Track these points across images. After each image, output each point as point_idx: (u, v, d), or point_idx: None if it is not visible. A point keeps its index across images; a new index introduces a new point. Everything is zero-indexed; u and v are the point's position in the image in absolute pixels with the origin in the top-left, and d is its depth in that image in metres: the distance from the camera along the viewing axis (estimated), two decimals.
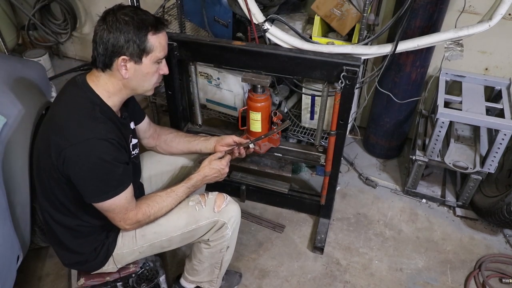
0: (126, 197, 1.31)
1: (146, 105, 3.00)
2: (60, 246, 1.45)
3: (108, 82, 1.30)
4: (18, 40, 3.42)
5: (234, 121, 2.19)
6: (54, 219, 1.39)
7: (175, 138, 1.71)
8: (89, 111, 1.25)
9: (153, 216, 1.41)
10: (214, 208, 1.48)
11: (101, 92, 1.29)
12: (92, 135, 1.21)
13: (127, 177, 1.32)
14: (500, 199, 1.96)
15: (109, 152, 1.23)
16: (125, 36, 1.22)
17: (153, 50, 1.27)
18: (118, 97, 1.33)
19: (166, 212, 1.44)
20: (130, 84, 1.31)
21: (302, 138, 2.10)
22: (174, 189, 1.46)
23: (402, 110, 2.32)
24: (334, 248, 2.08)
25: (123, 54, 1.24)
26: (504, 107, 2.03)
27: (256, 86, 1.79)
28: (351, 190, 2.41)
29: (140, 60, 1.27)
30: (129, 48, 1.23)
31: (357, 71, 1.59)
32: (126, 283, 1.57)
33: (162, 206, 1.42)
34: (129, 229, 1.40)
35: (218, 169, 1.53)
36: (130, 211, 1.34)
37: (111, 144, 1.24)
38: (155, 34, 1.26)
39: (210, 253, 1.56)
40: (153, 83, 1.36)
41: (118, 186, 1.28)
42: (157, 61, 1.31)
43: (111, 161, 1.24)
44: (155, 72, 1.33)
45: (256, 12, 1.73)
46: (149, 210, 1.39)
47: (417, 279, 1.94)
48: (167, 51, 1.34)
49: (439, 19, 2.01)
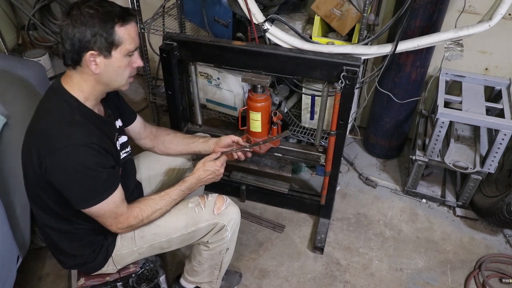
0: (115, 202, 1.28)
1: (146, 105, 3.01)
2: (57, 250, 1.44)
3: (81, 80, 1.25)
4: (18, 40, 3.42)
5: (234, 121, 2.19)
6: (48, 225, 1.37)
7: (174, 140, 1.69)
8: (68, 115, 1.22)
9: (146, 220, 1.38)
10: (214, 210, 1.48)
11: (77, 93, 1.25)
12: (71, 142, 1.18)
13: (114, 181, 1.28)
14: (500, 199, 1.96)
15: (90, 158, 1.20)
16: (91, 30, 1.16)
17: (122, 42, 1.22)
18: (94, 95, 1.29)
19: (160, 216, 1.42)
20: (102, 79, 1.26)
21: (302, 138, 2.10)
22: (168, 192, 1.43)
23: (402, 110, 2.32)
24: (334, 248, 2.08)
25: (90, 49, 1.18)
26: (504, 107, 2.03)
27: (256, 86, 1.79)
28: (351, 190, 2.41)
29: (109, 54, 1.21)
30: (96, 42, 1.18)
31: (357, 71, 1.59)
32: (126, 283, 1.57)
33: (155, 210, 1.39)
34: (121, 232, 1.38)
35: (212, 170, 1.50)
36: (121, 215, 1.31)
37: (91, 149, 1.20)
38: (122, 25, 1.20)
39: (209, 255, 1.56)
40: (126, 76, 1.30)
41: (104, 191, 1.25)
42: (128, 54, 1.25)
43: (94, 167, 1.20)
44: (127, 65, 1.27)
45: (256, 12, 1.73)
46: (141, 214, 1.36)
47: (417, 279, 1.94)
48: (138, 42, 1.28)
49: (439, 19, 2.01)
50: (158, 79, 2.81)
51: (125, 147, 1.50)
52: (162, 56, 1.81)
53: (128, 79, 1.32)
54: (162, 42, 1.81)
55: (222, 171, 1.53)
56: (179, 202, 1.47)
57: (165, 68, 1.86)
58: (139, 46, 1.29)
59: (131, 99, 3.18)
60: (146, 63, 2.61)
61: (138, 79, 3.38)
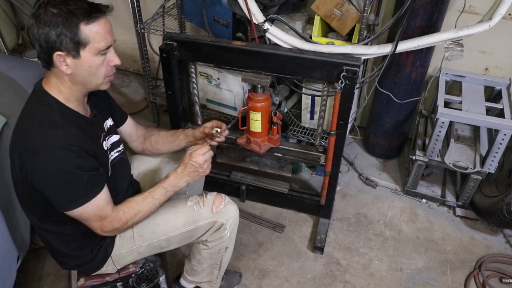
0: (99, 205, 1.25)
1: (146, 105, 3.01)
2: (54, 251, 1.44)
3: (58, 81, 1.22)
4: (18, 40, 3.42)
5: (234, 121, 2.19)
6: (40, 227, 1.37)
7: (158, 140, 1.65)
8: (48, 116, 1.19)
9: (130, 222, 1.34)
10: (213, 209, 1.48)
11: (56, 94, 1.23)
12: (50, 144, 1.15)
13: (97, 184, 1.25)
14: (500, 199, 1.96)
15: (69, 161, 1.16)
16: (55, 30, 1.12)
17: (90, 41, 1.15)
18: (74, 96, 1.25)
19: (146, 216, 1.38)
20: (76, 80, 1.21)
21: (302, 138, 2.10)
22: (151, 192, 1.38)
23: (402, 110, 2.32)
24: (334, 248, 2.08)
25: (58, 50, 1.14)
26: (504, 107, 2.03)
27: (256, 86, 1.79)
28: (351, 190, 2.41)
29: (77, 54, 1.16)
30: (62, 42, 1.13)
31: (357, 71, 1.59)
32: (126, 283, 1.57)
33: (138, 211, 1.34)
34: (108, 235, 1.34)
35: (191, 163, 1.38)
36: (105, 219, 1.28)
37: (70, 151, 1.16)
38: (88, 23, 1.14)
39: (208, 254, 1.56)
40: (102, 76, 1.24)
41: (86, 194, 1.22)
42: (100, 53, 1.19)
43: (73, 170, 1.17)
44: (100, 64, 1.21)
45: (256, 12, 1.73)
46: (124, 216, 1.32)
47: (417, 279, 1.94)
48: (110, 40, 1.21)
49: (439, 19, 2.01)
50: (158, 79, 2.81)
51: (117, 147, 1.48)
52: (162, 56, 1.81)
53: (107, 78, 1.27)
54: (162, 42, 1.81)
55: (200, 161, 1.38)
56: (166, 201, 1.42)
57: (165, 68, 1.86)
58: (112, 43, 1.23)
59: (131, 99, 3.18)
60: (146, 63, 2.61)
61: (138, 79, 3.38)
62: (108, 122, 1.46)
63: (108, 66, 1.25)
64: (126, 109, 1.58)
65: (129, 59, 3.41)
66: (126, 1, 2.45)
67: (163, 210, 1.51)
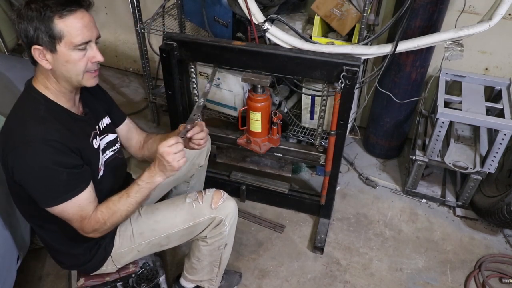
0: (80, 204, 1.22)
1: (146, 105, 3.01)
2: (52, 249, 1.44)
3: (44, 77, 1.22)
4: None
5: (234, 121, 2.19)
6: (36, 224, 1.36)
7: (154, 144, 1.58)
8: (33, 111, 1.19)
9: (110, 222, 1.28)
10: (211, 205, 1.47)
11: (43, 90, 1.22)
12: (29, 138, 1.14)
13: (79, 182, 1.22)
14: (500, 199, 1.96)
15: (47, 156, 1.15)
16: (32, 24, 1.12)
17: (65, 35, 1.14)
18: (62, 92, 1.24)
19: (125, 216, 1.31)
20: (58, 76, 1.20)
21: (302, 138, 2.10)
22: (127, 190, 1.32)
23: (402, 110, 2.32)
24: (334, 248, 2.08)
25: (35, 44, 1.14)
26: (504, 107, 2.03)
27: (256, 86, 1.79)
28: (351, 190, 2.41)
29: (54, 48, 1.15)
30: (38, 37, 1.13)
31: (357, 71, 1.59)
32: (126, 283, 1.57)
33: (115, 211, 1.28)
34: (92, 236, 1.29)
35: (158, 157, 1.27)
36: (85, 219, 1.24)
37: (50, 146, 1.15)
38: (62, 17, 1.13)
39: (208, 250, 1.56)
40: (81, 72, 1.21)
41: (66, 192, 1.19)
42: (77, 48, 1.17)
43: (50, 166, 1.15)
44: (78, 60, 1.18)
45: (256, 12, 1.73)
46: (102, 217, 1.27)
47: (417, 279, 1.94)
48: (88, 35, 1.18)
49: (439, 19, 2.01)
50: (158, 79, 2.81)
51: (112, 145, 1.46)
52: (162, 56, 1.81)
53: (88, 75, 1.24)
54: (162, 42, 1.81)
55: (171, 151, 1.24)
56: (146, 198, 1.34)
57: (165, 68, 1.86)
58: (91, 39, 1.20)
59: (131, 99, 3.18)
60: (146, 63, 2.61)
61: (138, 79, 3.38)
62: (104, 121, 1.45)
63: (89, 63, 1.22)
64: (126, 109, 1.59)
65: (129, 59, 3.41)
66: (126, 1, 2.45)
67: (162, 207, 1.51)
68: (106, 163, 1.42)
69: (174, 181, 1.80)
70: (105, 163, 1.41)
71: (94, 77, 1.27)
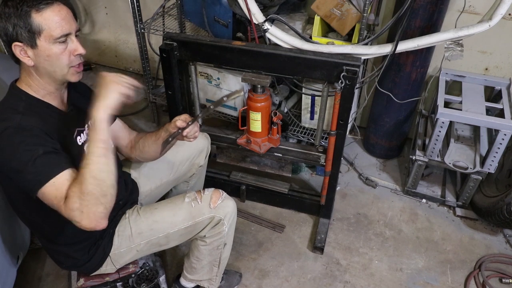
0: (54, 183, 1.12)
1: (146, 105, 3.01)
2: (50, 250, 1.44)
3: (26, 75, 1.22)
4: None
5: (234, 121, 2.19)
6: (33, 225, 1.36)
7: (145, 142, 1.58)
8: (11, 106, 1.19)
9: (80, 191, 1.10)
10: (210, 204, 1.48)
11: (26, 88, 1.23)
12: (8, 125, 1.12)
13: (57, 162, 1.14)
14: (500, 199, 1.96)
15: (23, 138, 1.12)
16: (10, 22, 1.12)
17: (44, 29, 1.14)
18: (44, 89, 1.24)
19: (93, 176, 1.11)
20: (40, 72, 1.20)
21: (302, 138, 2.10)
22: (86, 151, 1.20)
23: (402, 110, 2.32)
24: (334, 248, 2.08)
25: (15, 41, 1.15)
26: (504, 107, 2.03)
27: (256, 86, 1.79)
28: (351, 190, 2.41)
29: (34, 43, 1.15)
30: (18, 33, 1.13)
31: (357, 71, 1.59)
32: (126, 283, 1.57)
33: (79, 177, 1.12)
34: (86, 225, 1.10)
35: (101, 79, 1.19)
36: (61, 201, 1.12)
37: (25, 130, 1.13)
38: (39, 11, 1.13)
39: (207, 250, 1.56)
40: (64, 65, 1.20)
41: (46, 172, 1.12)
42: (57, 41, 1.16)
43: (27, 146, 1.11)
44: (60, 53, 1.18)
45: (256, 12, 1.73)
46: (72, 190, 1.11)
47: (417, 279, 1.94)
48: (67, 27, 1.17)
49: (439, 19, 2.01)
50: (158, 79, 2.81)
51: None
52: (162, 56, 1.81)
53: (72, 69, 1.23)
54: (162, 42, 1.81)
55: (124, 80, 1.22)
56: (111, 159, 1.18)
57: (165, 68, 1.86)
58: (71, 32, 1.19)
59: None
60: (146, 63, 2.61)
61: (138, 79, 3.37)
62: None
63: (72, 56, 1.21)
64: (126, 109, 1.57)
65: (129, 59, 3.41)
66: (126, 1, 2.45)
67: (161, 207, 1.51)
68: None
69: (174, 181, 1.81)
70: None
71: (78, 72, 1.26)
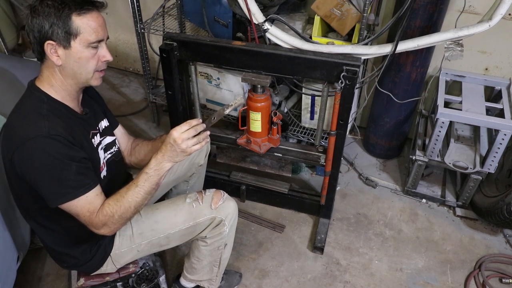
0: (87, 198, 1.22)
1: (146, 105, 3.01)
2: (52, 250, 1.44)
3: (49, 75, 1.24)
4: (18, 40, 3.42)
5: (234, 121, 2.19)
6: (36, 225, 1.36)
7: (141, 149, 1.60)
8: (35, 109, 1.21)
9: (118, 215, 1.26)
10: (211, 205, 1.48)
11: (47, 88, 1.24)
12: (34, 134, 1.15)
13: (88, 178, 1.23)
14: (500, 199, 1.96)
15: (55, 150, 1.16)
16: (48, 20, 1.15)
17: (81, 32, 1.18)
18: (66, 91, 1.26)
19: (135, 208, 1.29)
20: (66, 72, 1.23)
21: (302, 138, 2.10)
22: (135, 180, 1.31)
23: (402, 110, 2.32)
24: (334, 248, 2.08)
25: (49, 39, 1.17)
26: (504, 107, 2.03)
27: (256, 86, 1.79)
28: (351, 190, 2.41)
29: (68, 44, 1.19)
30: (53, 32, 1.16)
31: (357, 71, 1.59)
32: (126, 283, 1.57)
33: (124, 202, 1.27)
34: (103, 233, 1.28)
35: (170, 142, 1.28)
36: (92, 213, 1.24)
37: (56, 141, 1.16)
38: (80, 15, 1.18)
39: (208, 250, 1.56)
40: (91, 69, 1.25)
41: (77, 188, 1.20)
42: (91, 46, 1.21)
43: (59, 158, 1.16)
44: (90, 57, 1.23)
45: (256, 12, 1.73)
46: (110, 210, 1.26)
47: (417, 279, 1.94)
48: (102, 34, 1.23)
49: (439, 19, 2.01)
50: (158, 79, 2.81)
51: (110, 148, 1.47)
52: (162, 56, 1.81)
53: (97, 74, 1.28)
54: (162, 42, 1.81)
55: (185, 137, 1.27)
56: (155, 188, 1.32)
57: (165, 68, 1.86)
58: (103, 39, 1.25)
59: (131, 99, 3.18)
60: (146, 63, 2.61)
61: (138, 79, 3.38)
62: (103, 123, 1.47)
63: (99, 61, 1.26)
64: (126, 109, 1.58)
65: (129, 59, 3.41)
66: (126, 1, 2.45)
67: (162, 207, 1.52)
68: (107, 163, 1.43)
69: (174, 181, 1.81)
70: (106, 162, 1.42)
71: (101, 77, 1.31)
